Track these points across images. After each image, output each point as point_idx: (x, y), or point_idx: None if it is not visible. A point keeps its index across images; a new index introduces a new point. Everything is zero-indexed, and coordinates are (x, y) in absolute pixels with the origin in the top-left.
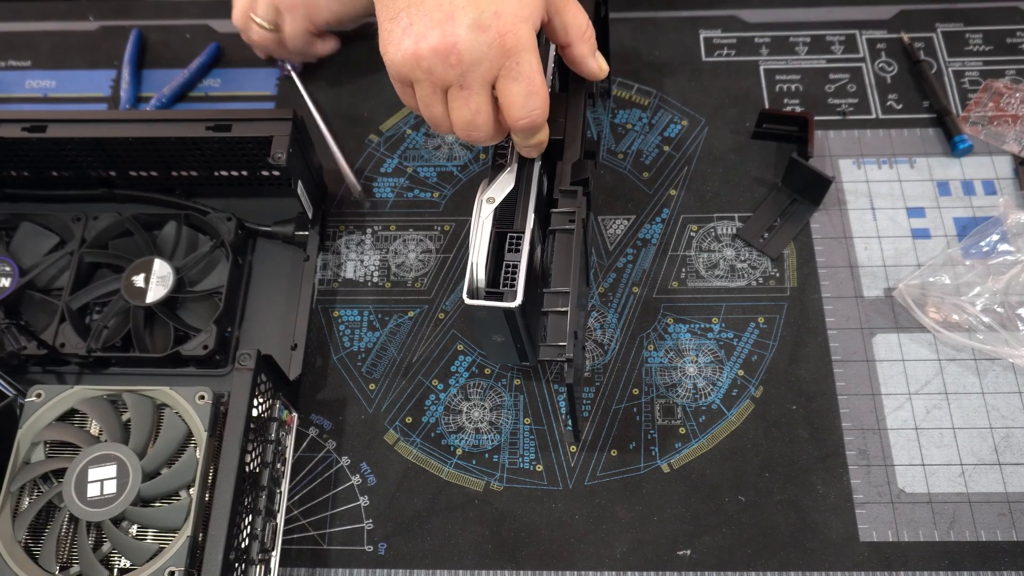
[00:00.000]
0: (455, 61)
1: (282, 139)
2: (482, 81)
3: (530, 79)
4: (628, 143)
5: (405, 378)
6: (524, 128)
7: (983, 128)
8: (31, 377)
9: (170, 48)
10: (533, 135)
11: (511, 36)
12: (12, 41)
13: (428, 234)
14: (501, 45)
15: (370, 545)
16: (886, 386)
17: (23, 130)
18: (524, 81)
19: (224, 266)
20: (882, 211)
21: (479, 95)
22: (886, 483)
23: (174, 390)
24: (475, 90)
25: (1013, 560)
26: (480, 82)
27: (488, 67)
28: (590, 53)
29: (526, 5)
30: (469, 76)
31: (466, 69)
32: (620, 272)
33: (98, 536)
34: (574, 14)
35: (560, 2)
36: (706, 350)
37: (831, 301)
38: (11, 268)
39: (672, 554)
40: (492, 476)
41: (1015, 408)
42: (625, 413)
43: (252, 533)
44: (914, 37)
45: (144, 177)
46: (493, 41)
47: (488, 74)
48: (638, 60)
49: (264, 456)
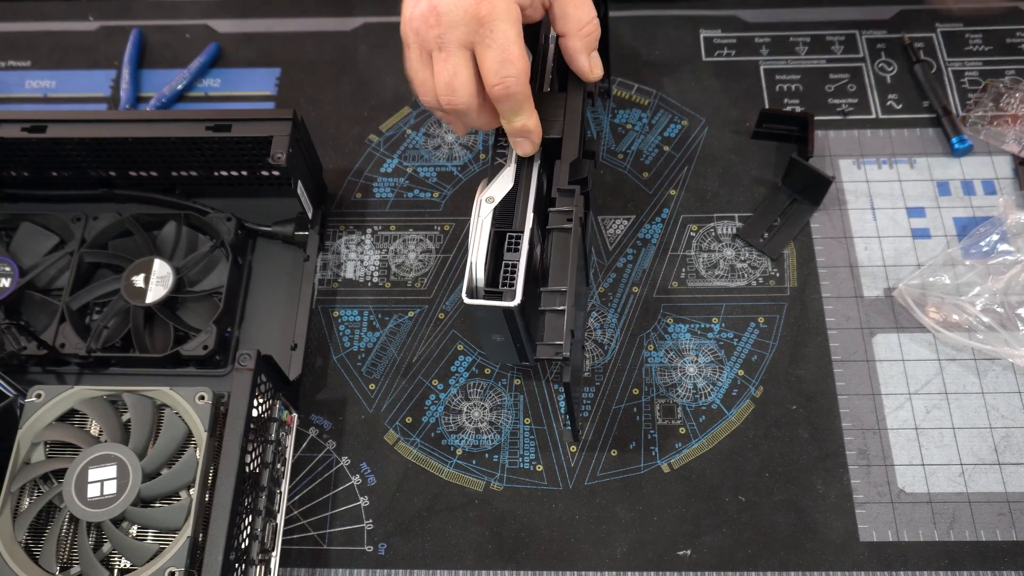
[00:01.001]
0: (434, 23)
1: (282, 139)
2: (459, 44)
3: (503, 47)
4: (628, 143)
5: (405, 378)
6: (499, 96)
7: (983, 128)
8: (31, 377)
9: (170, 48)
10: (513, 111)
11: (486, 4)
12: (12, 41)
13: (428, 234)
14: (476, 12)
15: (370, 545)
16: (886, 386)
17: (23, 130)
18: (497, 49)
19: (224, 266)
20: (882, 211)
21: (456, 57)
22: (886, 483)
23: (174, 390)
24: (452, 51)
25: (1013, 560)
26: (456, 44)
27: (464, 32)
28: (583, 50)
29: None
30: (446, 38)
31: (444, 31)
32: (620, 272)
33: (98, 536)
34: (576, 5)
35: None
36: (706, 350)
37: (831, 301)
38: (11, 268)
39: (672, 554)
40: (492, 476)
41: (1015, 408)
42: (625, 413)
43: (252, 533)
44: (914, 37)
45: (144, 177)
46: (468, 7)
47: (464, 38)
48: (638, 60)
49: (264, 456)
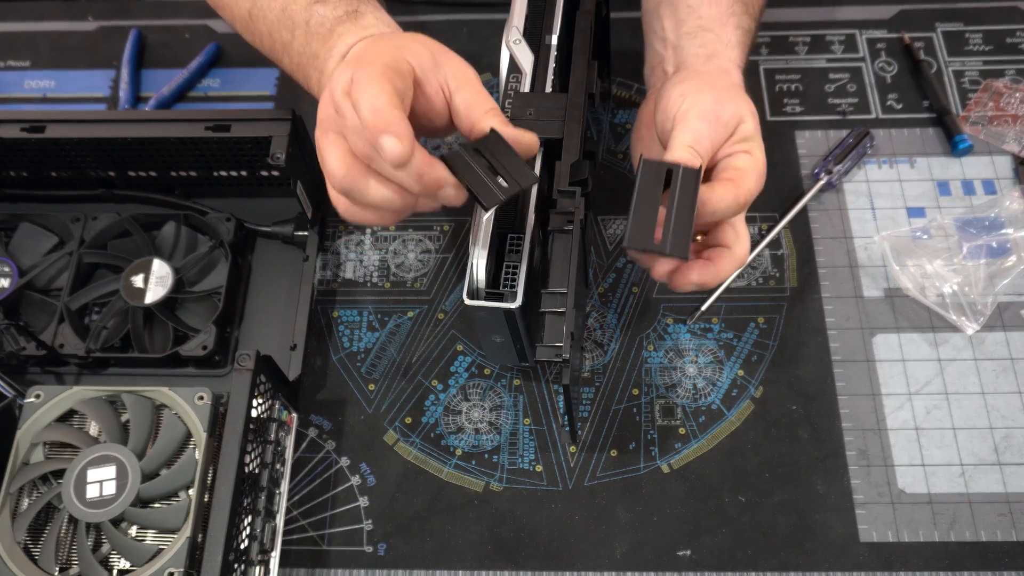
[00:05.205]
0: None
1: (281, 139)
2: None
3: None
4: (628, 143)
5: (405, 378)
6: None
7: (983, 128)
8: (30, 378)
9: (169, 48)
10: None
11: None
12: (11, 41)
13: (427, 234)
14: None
15: (370, 546)
16: (886, 386)
17: (22, 130)
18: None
19: (223, 266)
20: (882, 211)
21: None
22: (886, 483)
23: (173, 391)
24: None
25: (1013, 560)
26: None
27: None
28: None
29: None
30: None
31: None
32: (620, 272)
33: (97, 537)
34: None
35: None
36: (706, 350)
37: (831, 301)
38: (10, 268)
39: (672, 554)
40: (492, 476)
41: (1015, 408)
42: (625, 413)
43: (251, 534)
44: (914, 37)
45: (143, 177)
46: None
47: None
48: (638, 60)
49: (263, 457)
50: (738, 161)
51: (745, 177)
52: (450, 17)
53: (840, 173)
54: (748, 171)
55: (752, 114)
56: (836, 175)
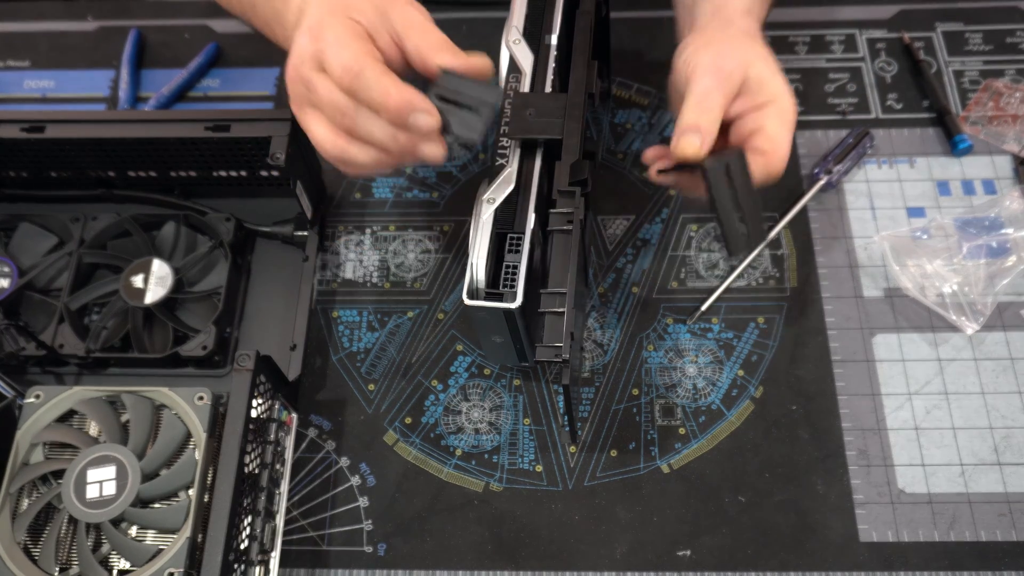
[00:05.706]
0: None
1: (281, 139)
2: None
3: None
4: (628, 143)
5: (404, 378)
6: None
7: (983, 128)
8: (30, 378)
9: (169, 48)
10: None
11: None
12: (10, 41)
13: (427, 234)
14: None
15: (370, 546)
16: (886, 386)
17: (22, 130)
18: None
19: (223, 266)
20: (882, 211)
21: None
22: (886, 483)
23: (173, 391)
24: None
25: (1013, 560)
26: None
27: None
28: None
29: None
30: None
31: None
32: (620, 272)
33: (97, 537)
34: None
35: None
36: (706, 350)
37: (831, 301)
38: (10, 269)
39: (672, 554)
40: (492, 476)
41: (1015, 408)
42: (625, 413)
43: (251, 534)
44: (914, 37)
45: (143, 177)
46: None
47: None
48: (638, 60)
49: (263, 457)
50: (768, 125)
51: (777, 147)
52: (449, 15)
53: (840, 173)
54: (778, 139)
55: (762, 58)
56: (836, 175)
